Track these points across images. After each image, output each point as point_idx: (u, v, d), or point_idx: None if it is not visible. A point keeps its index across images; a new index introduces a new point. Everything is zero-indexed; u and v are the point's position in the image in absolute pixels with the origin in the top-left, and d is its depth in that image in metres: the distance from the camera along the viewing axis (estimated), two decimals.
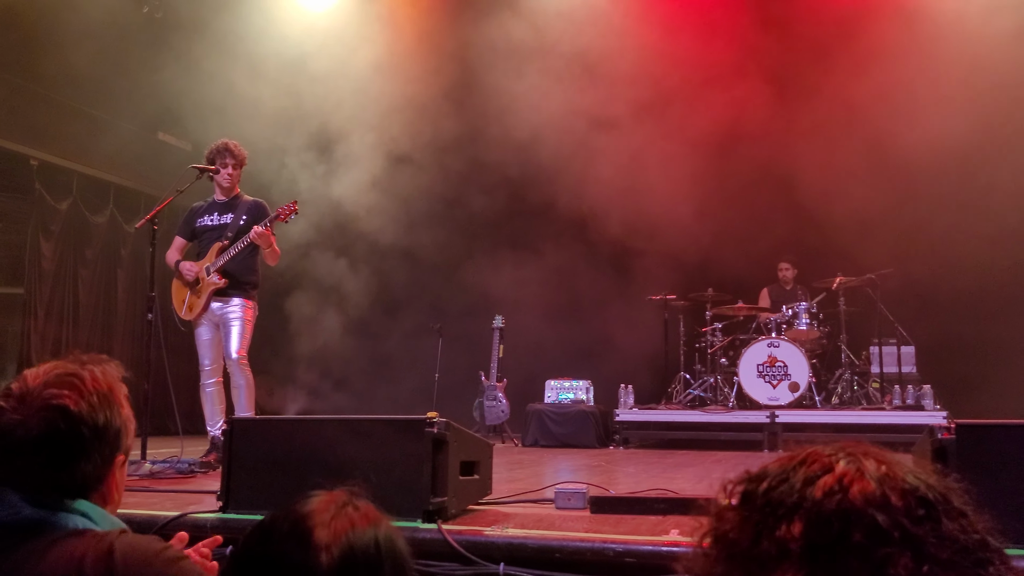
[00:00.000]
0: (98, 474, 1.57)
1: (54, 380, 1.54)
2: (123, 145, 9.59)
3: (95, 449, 1.55)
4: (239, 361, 5.93)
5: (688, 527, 2.18)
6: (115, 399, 1.60)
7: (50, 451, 1.50)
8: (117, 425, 1.59)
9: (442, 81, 9.87)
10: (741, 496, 0.95)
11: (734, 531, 0.94)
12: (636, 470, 6.15)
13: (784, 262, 9.60)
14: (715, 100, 9.18)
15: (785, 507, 0.90)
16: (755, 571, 0.90)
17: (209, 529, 3.38)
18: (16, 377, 1.59)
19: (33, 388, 1.53)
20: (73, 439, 1.51)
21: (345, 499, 1.28)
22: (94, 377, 1.57)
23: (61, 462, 1.51)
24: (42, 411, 1.50)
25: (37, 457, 1.49)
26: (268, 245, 5.94)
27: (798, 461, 0.95)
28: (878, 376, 8.73)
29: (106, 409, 1.56)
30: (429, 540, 3.07)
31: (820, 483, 0.91)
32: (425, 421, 3.36)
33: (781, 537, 0.88)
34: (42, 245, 8.92)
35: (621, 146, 9.56)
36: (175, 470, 5.19)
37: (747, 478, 0.97)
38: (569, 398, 9.18)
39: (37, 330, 8.77)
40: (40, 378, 1.55)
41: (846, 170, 8.90)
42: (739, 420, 8.35)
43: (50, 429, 1.49)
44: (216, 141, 6.18)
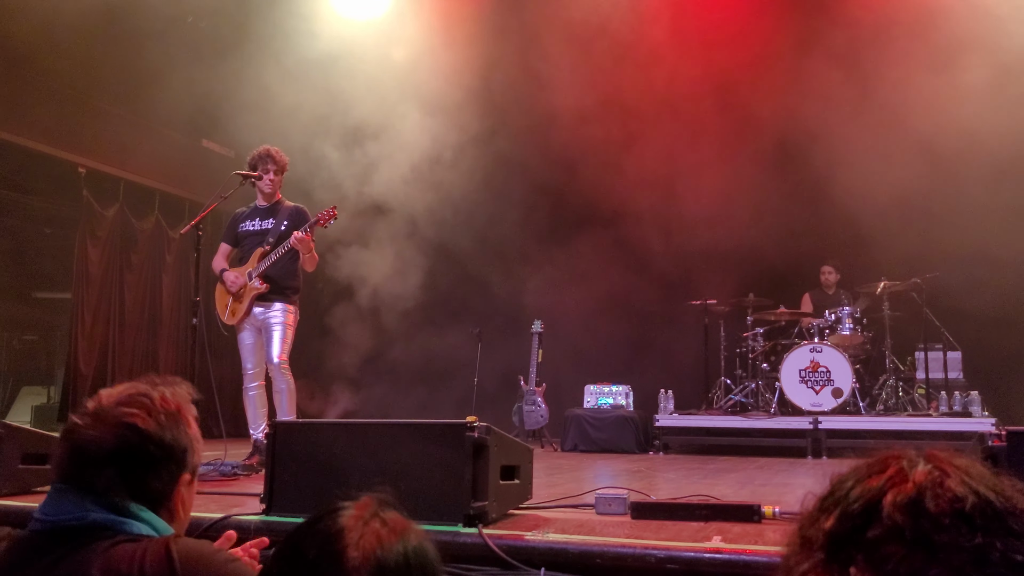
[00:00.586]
0: (165, 490, 1.65)
1: (126, 399, 1.63)
2: (168, 152, 9.75)
3: (162, 466, 1.63)
4: (280, 366, 5.98)
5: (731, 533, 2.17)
6: (183, 419, 1.68)
7: (121, 465, 1.58)
8: (184, 444, 1.67)
9: (481, 84, 9.89)
10: (820, 497, 1.03)
11: (806, 524, 1.00)
12: (677, 476, 6.10)
13: (827, 266, 9.49)
14: (757, 102, 9.10)
15: (833, 500, 0.97)
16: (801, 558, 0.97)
17: (253, 531, 3.41)
18: (92, 396, 1.68)
19: (107, 406, 1.63)
20: (142, 454, 1.60)
21: (373, 510, 1.28)
22: (164, 398, 1.66)
23: (131, 476, 1.59)
24: (114, 428, 1.59)
25: (109, 470, 1.58)
26: (308, 250, 5.99)
27: (870, 461, 1.02)
28: (924, 382, 8.58)
29: (173, 428, 1.64)
30: (470, 544, 3.08)
31: (866, 482, 0.96)
32: (465, 425, 3.36)
33: (819, 527, 0.95)
34: (89, 251, 9.08)
35: (663, 150, 9.51)
36: (219, 473, 5.25)
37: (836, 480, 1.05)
38: (608, 403, 9.14)
39: (84, 334, 8.92)
40: (114, 397, 1.65)
41: (891, 172, 8.76)
42: (781, 426, 8.25)
43: (121, 444, 1.58)
44: (258, 147, 6.26)
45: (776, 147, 9.24)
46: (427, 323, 10.64)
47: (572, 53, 9.66)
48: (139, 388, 1.67)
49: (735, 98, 9.27)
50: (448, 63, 9.77)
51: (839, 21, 9.09)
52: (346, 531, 1.23)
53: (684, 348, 9.61)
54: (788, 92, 9.12)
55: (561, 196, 10.34)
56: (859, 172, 8.85)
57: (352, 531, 1.23)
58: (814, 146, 9.19)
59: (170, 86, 9.16)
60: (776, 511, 3.47)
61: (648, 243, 9.74)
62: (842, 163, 9.04)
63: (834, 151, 9.03)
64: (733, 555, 2.79)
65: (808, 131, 9.15)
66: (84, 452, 1.59)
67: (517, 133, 10.06)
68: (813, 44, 9.15)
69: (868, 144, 8.86)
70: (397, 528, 1.27)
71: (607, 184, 9.85)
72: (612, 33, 9.49)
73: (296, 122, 9.15)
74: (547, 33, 9.74)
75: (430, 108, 9.85)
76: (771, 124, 9.08)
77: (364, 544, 1.21)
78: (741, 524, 3.34)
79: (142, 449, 1.59)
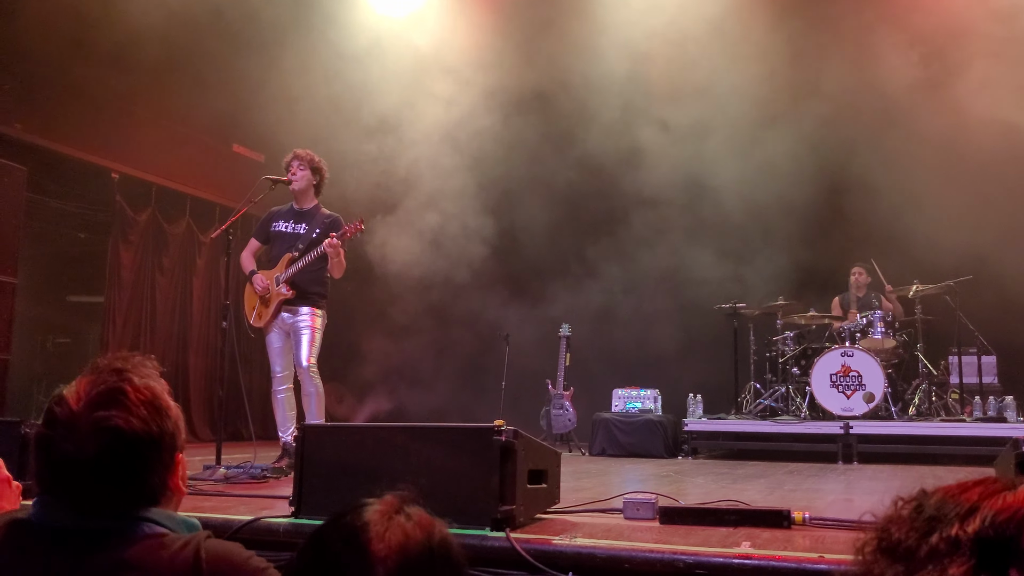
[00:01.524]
0: (163, 481, 1.56)
1: (98, 399, 1.49)
2: (199, 157, 9.86)
3: (156, 459, 1.53)
4: (309, 370, 6.01)
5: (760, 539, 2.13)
6: (161, 404, 1.56)
7: (113, 472, 1.48)
8: (170, 430, 1.56)
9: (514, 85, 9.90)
10: (914, 507, 1.04)
11: (900, 532, 1.02)
12: (705, 481, 6.07)
13: (858, 268, 9.39)
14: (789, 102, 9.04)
15: (963, 510, 1.00)
16: (917, 564, 0.99)
17: (282, 533, 3.44)
18: (55, 398, 1.53)
19: (79, 412, 1.49)
20: (132, 457, 1.49)
21: (397, 506, 1.28)
22: (136, 388, 1.53)
23: (125, 481, 1.49)
24: (94, 435, 1.47)
25: (100, 483, 1.47)
26: (336, 256, 6.00)
27: (975, 481, 1.05)
28: (957, 387, 8.47)
29: (156, 418, 1.53)
30: (497, 548, 3.07)
31: (1002, 496, 1.00)
32: (493, 429, 3.36)
33: (954, 534, 0.97)
34: (122, 255, 9.19)
35: (688, 153, 9.48)
36: (249, 475, 5.29)
37: (921, 493, 1.07)
38: (636, 407, 9.10)
39: (115, 337, 9.03)
40: (83, 399, 1.50)
41: (924, 174, 8.66)
42: (812, 431, 8.17)
43: (106, 452, 1.47)
44: None
45: (804, 149, 9.16)
46: (455, 327, 10.65)
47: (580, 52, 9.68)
48: (106, 382, 1.52)
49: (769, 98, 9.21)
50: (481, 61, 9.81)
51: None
52: (371, 525, 1.23)
53: (713, 352, 9.55)
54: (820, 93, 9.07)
55: (590, 199, 10.33)
56: (892, 174, 8.77)
57: (377, 525, 1.23)
58: (845, 146, 9.12)
59: (201, 91, 9.26)
60: (806, 517, 3.44)
61: (676, 246, 9.70)
62: (875, 165, 8.97)
63: (865, 149, 8.96)
64: (762, 561, 2.77)
65: (838, 131, 9.09)
66: (64, 466, 1.47)
67: (549, 134, 10.06)
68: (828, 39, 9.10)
69: (900, 142, 8.76)
70: (422, 522, 1.27)
71: (632, 187, 9.83)
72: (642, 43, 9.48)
73: (329, 126, 9.21)
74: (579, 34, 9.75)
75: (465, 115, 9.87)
76: (798, 126, 9.01)
77: (389, 537, 1.22)
78: (770, 530, 3.32)
79: (131, 452, 1.48)
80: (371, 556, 1.19)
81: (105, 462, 1.47)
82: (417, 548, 1.23)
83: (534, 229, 10.64)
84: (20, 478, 2.02)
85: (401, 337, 10.68)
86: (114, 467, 1.47)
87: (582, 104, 9.86)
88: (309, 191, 6.27)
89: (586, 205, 10.39)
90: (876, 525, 1.07)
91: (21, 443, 4.10)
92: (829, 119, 9.04)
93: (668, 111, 9.52)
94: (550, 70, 9.81)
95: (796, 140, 9.05)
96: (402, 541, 1.22)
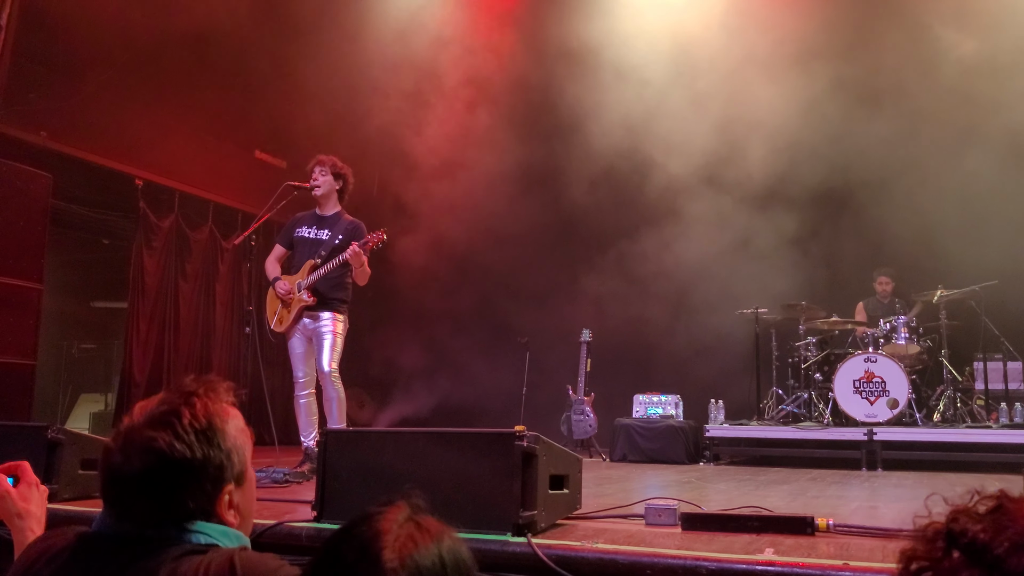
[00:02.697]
0: (206, 507, 1.59)
1: (153, 419, 1.57)
2: (221, 163, 9.92)
3: (195, 485, 1.57)
4: (331, 375, 6.03)
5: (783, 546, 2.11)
6: (216, 432, 1.61)
7: (150, 491, 1.54)
8: (218, 459, 1.60)
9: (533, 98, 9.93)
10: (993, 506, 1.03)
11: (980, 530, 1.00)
12: (728, 487, 6.03)
13: (881, 275, 9.32)
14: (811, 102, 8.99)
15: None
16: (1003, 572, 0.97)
17: (304, 538, 3.45)
18: (128, 412, 1.63)
19: (136, 426, 1.57)
20: (170, 479, 1.55)
21: (407, 514, 1.30)
22: (193, 413, 1.59)
23: (163, 500, 1.55)
24: (141, 453, 1.54)
25: (141, 497, 1.55)
26: (359, 265, 6.02)
27: None
28: (983, 393, 8.37)
29: (204, 446, 1.58)
30: (519, 554, 3.07)
31: None
32: (514, 435, 3.36)
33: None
34: (145, 260, 9.27)
35: (707, 154, 9.45)
36: (271, 479, 5.31)
37: (1002, 493, 1.05)
38: (658, 413, 9.07)
39: (139, 342, 9.10)
40: (143, 415, 1.59)
41: (948, 178, 8.59)
42: (835, 437, 8.10)
43: (148, 470, 1.54)
44: None
45: (825, 150, 9.11)
46: (476, 332, 10.66)
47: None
48: (170, 402, 1.60)
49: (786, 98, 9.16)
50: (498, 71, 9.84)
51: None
52: (382, 535, 1.25)
53: (735, 357, 9.50)
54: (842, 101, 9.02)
55: (609, 204, 10.31)
56: (915, 178, 8.70)
57: (388, 534, 1.25)
58: (865, 148, 9.07)
59: (224, 98, 9.34)
60: (830, 523, 3.41)
61: (697, 250, 9.66)
62: (898, 170, 8.90)
63: (886, 153, 8.90)
64: (786, 568, 2.75)
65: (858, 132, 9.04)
66: (117, 478, 1.56)
67: (564, 142, 10.06)
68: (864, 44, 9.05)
69: (922, 145, 8.70)
70: (432, 530, 1.29)
71: (653, 190, 9.81)
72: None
73: (351, 134, 9.26)
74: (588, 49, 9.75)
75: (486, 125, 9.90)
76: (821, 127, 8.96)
77: (400, 547, 1.24)
78: (794, 536, 3.29)
79: (169, 474, 1.54)
80: (383, 565, 1.22)
81: (147, 480, 1.54)
82: (427, 557, 1.25)
83: (555, 233, 10.64)
84: (46, 482, 2.05)
85: (421, 343, 10.71)
86: (155, 486, 1.54)
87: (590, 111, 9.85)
88: (332, 197, 6.28)
89: (606, 208, 10.36)
90: (947, 516, 1.05)
91: (48, 448, 4.14)
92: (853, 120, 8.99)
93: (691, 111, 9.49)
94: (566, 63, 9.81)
95: (819, 142, 9.00)
96: (412, 550, 1.24)
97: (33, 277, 7.16)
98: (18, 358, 6.98)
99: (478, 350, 10.49)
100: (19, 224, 7.08)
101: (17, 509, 2.05)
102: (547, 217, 10.46)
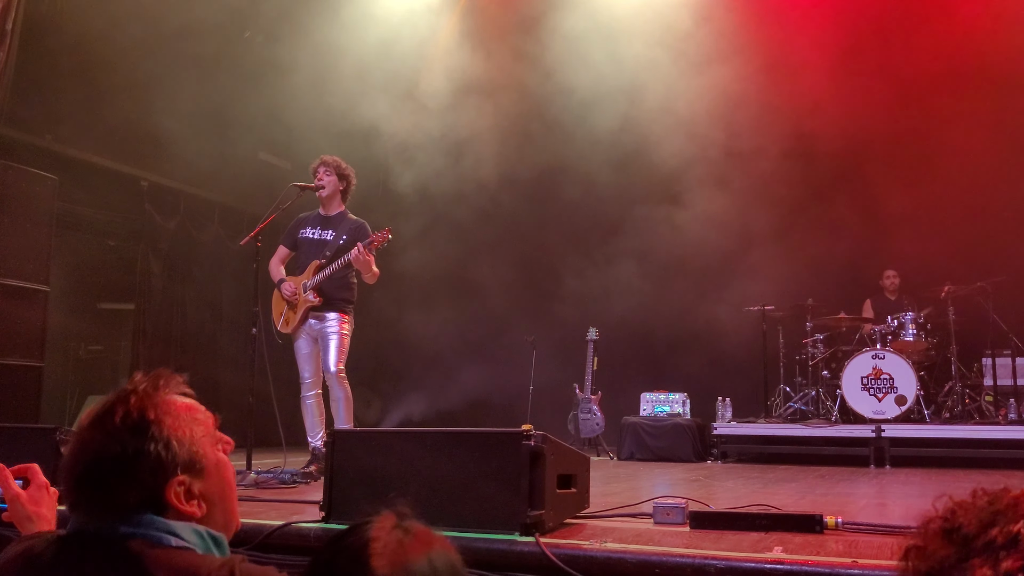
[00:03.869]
0: (151, 499, 1.60)
1: (91, 421, 1.64)
2: (226, 165, 9.93)
3: (133, 478, 1.59)
4: (337, 375, 6.04)
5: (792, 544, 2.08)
6: (150, 424, 1.62)
7: (94, 484, 1.60)
8: (155, 451, 1.60)
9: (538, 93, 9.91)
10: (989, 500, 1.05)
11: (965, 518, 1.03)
12: (735, 485, 6.02)
13: (889, 270, 9.29)
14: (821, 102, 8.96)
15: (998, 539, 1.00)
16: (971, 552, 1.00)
17: (312, 539, 3.45)
18: None
19: (79, 428, 1.66)
20: (106, 473, 1.59)
21: (395, 522, 1.31)
22: (127, 410, 1.62)
23: (106, 492, 1.60)
24: (79, 453, 1.61)
25: (87, 488, 1.61)
26: (368, 269, 6.03)
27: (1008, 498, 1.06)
28: (991, 389, 8.35)
29: (137, 439, 1.60)
30: (527, 553, 3.07)
31: None
32: (522, 434, 3.36)
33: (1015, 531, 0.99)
34: (151, 262, 9.29)
35: (716, 156, 9.43)
36: (278, 480, 5.32)
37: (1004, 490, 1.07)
38: (665, 411, 9.06)
39: (145, 344, 9.13)
40: (86, 418, 1.66)
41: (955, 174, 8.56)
42: (843, 435, 8.09)
43: (85, 468, 1.60)
44: None
45: (834, 148, 9.09)
46: (482, 331, 10.66)
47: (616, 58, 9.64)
48: (109, 402, 1.64)
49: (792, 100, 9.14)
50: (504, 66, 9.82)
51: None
52: (372, 543, 1.26)
53: (742, 355, 9.48)
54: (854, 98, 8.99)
55: (616, 202, 10.29)
56: (922, 174, 8.67)
57: (377, 542, 1.26)
58: (874, 146, 9.04)
59: (228, 100, 9.35)
60: (839, 521, 3.40)
61: (703, 248, 9.65)
62: (904, 165, 8.87)
63: (895, 150, 8.87)
64: (795, 566, 2.74)
65: (868, 131, 9.01)
66: (67, 477, 1.63)
67: (569, 140, 10.04)
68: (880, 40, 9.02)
69: (931, 146, 8.67)
70: (421, 537, 1.30)
71: (660, 190, 9.80)
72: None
73: (354, 134, 9.26)
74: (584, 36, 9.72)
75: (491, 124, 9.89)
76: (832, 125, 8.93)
77: (390, 554, 1.25)
78: (802, 535, 3.28)
79: (104, 469, 1.58)
80: (374, 573, 1.23)
81: (88, 476, 1.60)
82: (417, 564, 1.26)
83: (561, 231, 10.63)
84: (56, 484, 2.05)
85: (428, 342, 10.71)
86: (95, 482, 1.60)
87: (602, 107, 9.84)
88: (336, 197, 6.30)
89: (614, 207, 10.35)
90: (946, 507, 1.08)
91: (56, 450, 4.16)
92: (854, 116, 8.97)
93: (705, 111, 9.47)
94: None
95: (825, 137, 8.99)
96: (403, 557, 1.25)
97: (39, 279, 7.17)
98: (26, 360, 7.00)
99: (485, 349, 10.49)
100: (25, 227, 7.09)
101: (28, 512, 2.06)
102: (553, 214, 10.45)
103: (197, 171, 9.70)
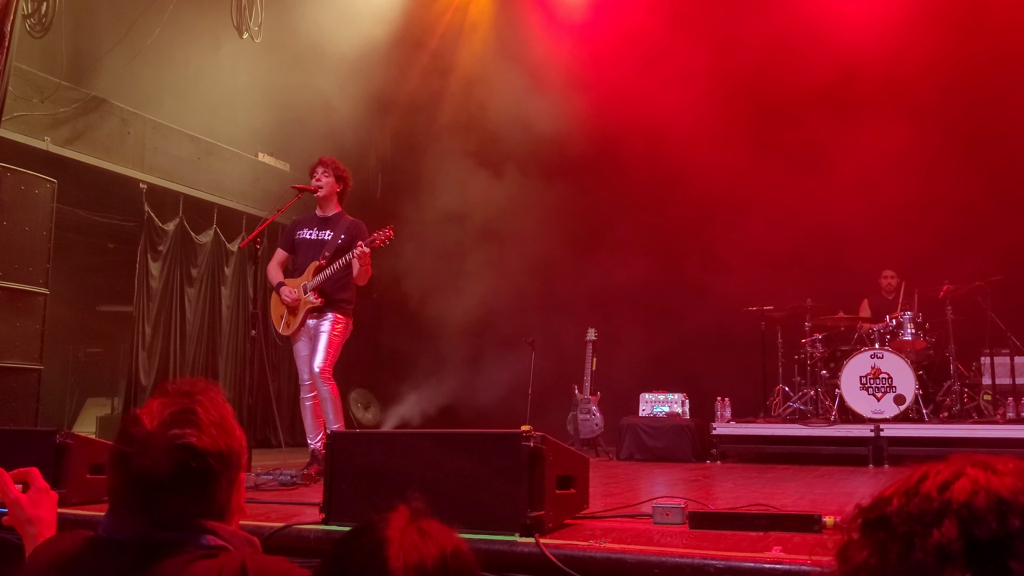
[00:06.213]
0: (229, 498, 1.66)
1: (171, 419, 1.60)
2: (225, 167, 9.93)
3: (224, 476, 1.63)
4: (320, 374, 5.99)
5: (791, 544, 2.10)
6: (228, 425, 1.66)
7: (185, 487, 1.58)
8: (237, 449, 1.67)
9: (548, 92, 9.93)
10: (865, 525, 0.96)
11: (873, 557, 0.93)
12: (735, 485, 6.03)
13: (887, 270, 9.30)
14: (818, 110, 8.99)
15: (931, 515, 0.92)
16: None
17: (312, 540, 3.46)
18: (130, 419, 1.65)
19: (154, 431, 1.60)
20: (205, 472, 1.60)
21: (409, 519, 1.31)
22: (206, 409, 1.63)
23: (197, 495, 1.60)
24: (169, 452, 1.57)
25: (175, 496, 1.58)
26: (365, 264, 6.03)
27: (919, 476, 0.98)
28: (990, 388, 8.36)
29: (225, 437, 1.63)
30: (526, 554, 3.07)
31: (957, 487, 0.94)
32: (521, 435, 3.36)
33: (937, 543, 0.90)
34: (150, 265, 9.27)
35: (717, 156, 9.44)
36: (278, 482, 5.32)
37: (866, 508, 0.98)
38: (664, 411, 9.06)
39: (144, 346, 9.11)
40: (157, 419, 1.61)
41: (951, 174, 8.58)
42: (842, 434, 8.09)
43: (181, 467, 1.57)
44: None
45: (836, 149, 9.10)
46: (481, 332, 10.66)
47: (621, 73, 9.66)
48: (179, 403, 1.63)
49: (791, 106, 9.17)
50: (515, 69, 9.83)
51: None
52: (387, 542, 1.26)
53: (740, 355, 9.49)
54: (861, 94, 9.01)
55: (616, 204, 10.30)
56: (918, 174, 8.69)
57: (392, 541, 1.26)
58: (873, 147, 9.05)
59: (227, 101, 9.35)
60: (837, 521, 3.41)
61: (703, 249, 9.65)
62: (900, 165, 8.88)
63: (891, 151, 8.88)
64: (794, 566, 2.75)
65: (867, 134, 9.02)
66: (144, 481, 1.58)
67: (574, 144, 10.06)
68: None
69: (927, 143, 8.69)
70: (435, 534, 1.30)
71: (661, 191, 9.81)
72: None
73: (354, 134, 9.26)
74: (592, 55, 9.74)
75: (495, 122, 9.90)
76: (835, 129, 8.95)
77: (405, 552, 1.25)
78: (801, 534, 3.29)
79: (204, 467, 1.59)
80: (389, 573, 1.23)
81: (179, 478, 1.58)
82: (432, 561, 1.26)
83: (560, 232, 10.63)
84: (56, 487, 2.06)
85: (427, 343, 10.70)
86: (187, 483, 1.58)
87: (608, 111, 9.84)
88: (333, 198, 6.31)
89: (614, 209, 10.36)
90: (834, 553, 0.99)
91: (56, 453, 4.15)
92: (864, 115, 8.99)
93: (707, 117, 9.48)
94: None
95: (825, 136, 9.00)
96: (418, 555, 1.26)
97: (38, 282, 7.16)
98: (25, 363, 6.99)
99: (483, 350, 10.49)
100: (24, 229, 7.09)
101: (28, 516, 2.06)
102: (553, 215, 10.45)
103: (196, 173, 9.70)
